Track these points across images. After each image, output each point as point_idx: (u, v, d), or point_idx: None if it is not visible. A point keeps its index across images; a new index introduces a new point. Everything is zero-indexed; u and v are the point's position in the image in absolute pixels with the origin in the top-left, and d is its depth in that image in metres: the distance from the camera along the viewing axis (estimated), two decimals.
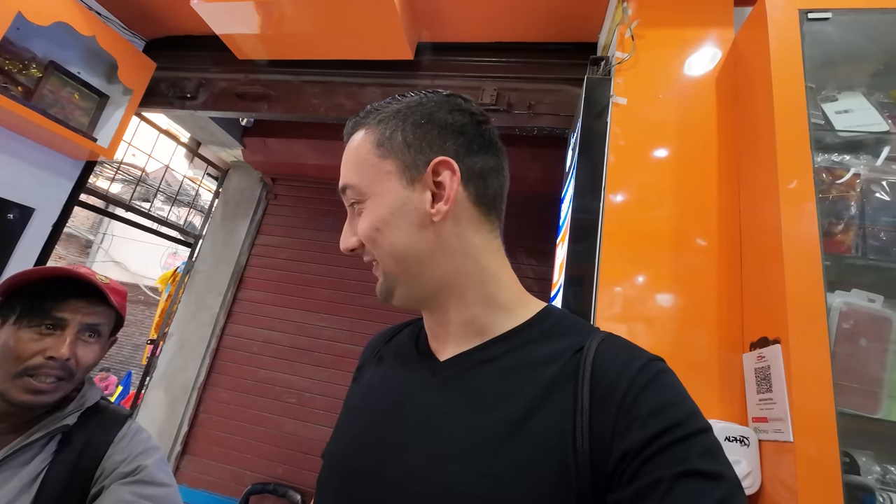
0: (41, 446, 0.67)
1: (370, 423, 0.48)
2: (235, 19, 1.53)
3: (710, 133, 1.01)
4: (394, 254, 0.46)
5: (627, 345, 0.43)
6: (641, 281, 0.94)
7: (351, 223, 0.50)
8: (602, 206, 0.99)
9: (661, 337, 0.89)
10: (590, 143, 1.06)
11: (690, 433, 0.35)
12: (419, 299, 0.49)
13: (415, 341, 0.54)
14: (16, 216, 1.58)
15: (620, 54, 1.09)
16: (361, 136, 0.49)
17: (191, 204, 3.31)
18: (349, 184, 0.48)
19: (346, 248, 0.49)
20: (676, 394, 0.38)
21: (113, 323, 0.78)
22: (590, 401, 0.38)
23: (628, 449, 0.35)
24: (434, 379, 0.47)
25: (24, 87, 1.54)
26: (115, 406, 0.81)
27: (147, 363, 2.82)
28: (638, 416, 0.36)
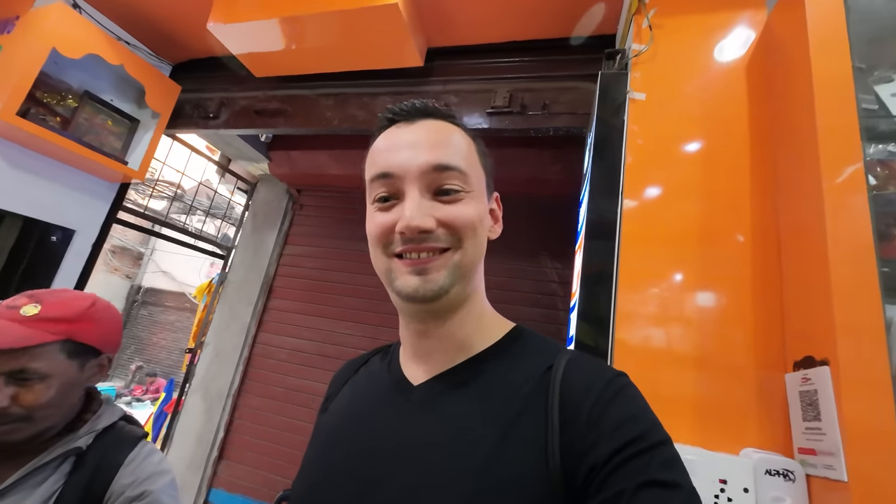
0: (54, 468, 0.69)
1: (344, 456, 0.46)
2: (250, 39, 1.56)
3: (741, 125, 0.92)
4: (480, 248, 0.48)
5: (595, 362, 0.45)
6: (665, 285, 0.86)
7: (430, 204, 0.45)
8: (619, 208, 0.92)
9: (688, 344, 0.82)
10: (605, 143, 0.99)
11: (651, 445, 0.36)
12: (460, 303, 0.48)
13: (387, 367, 0.54)
14: (59, 238, 1.69)
15: (637, 46, 1.01)
16: (464, 136, 0.50)
17: (224, 217, 3.45)
18: (460, 167, 0.46)
19: (422, 228, 0.43)
20: (638, 407, 0.40)
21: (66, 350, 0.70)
22: (559, 418, 0.39)
23: (595, 463, 0.36)
24: (407, 405, 0.47)
25: (61, 118, 1.64)
26: (131, 427, 0.81)
27: (186, 370, 2.96)
28: (605, 431, 0.37)
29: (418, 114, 0.49)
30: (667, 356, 0.82)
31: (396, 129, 0.49)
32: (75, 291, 0.78)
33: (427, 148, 0.46)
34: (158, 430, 3.25)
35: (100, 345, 0.75)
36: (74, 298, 0.74)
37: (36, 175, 1.61)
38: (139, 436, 0.79)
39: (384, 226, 0.45)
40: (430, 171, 0.45)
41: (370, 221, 0.48)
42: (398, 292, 0.45)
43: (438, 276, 0.44)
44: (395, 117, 0.50)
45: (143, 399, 7.42)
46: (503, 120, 1.49)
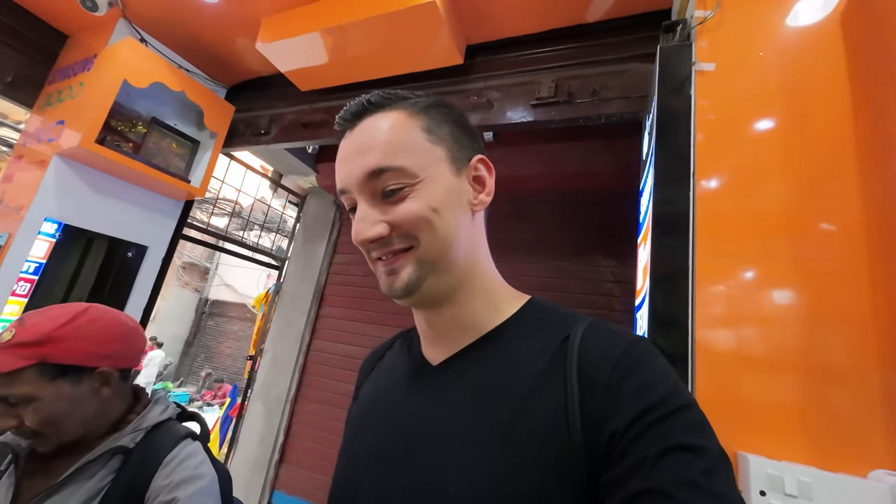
0: (103, 464, 0.71)
1: (373, 439, 0.48)
2: (295, 54, 1.62)
3: (838, 91, 0.79)
4: (446, 237, 0.45)
5: (612, 329, 0.43)
6: (751, 277, 0.75)
7: (374, 210, 0.45)
8: (692, 194, 0.82)
9: (787, 346, 0.70)
10: (670, 123, 0.89)
11: (673, 409, 0.35)
12: (443, 291, 0.47)
13: (408, 351, 0.55)
14: (133, 254, 1.84)
15: (701, 13, 0.91)
16: (400, 118, 0.46)
17: (277, 230, 3.63)
18: (393, 166, 0.44)
19: (369, 238, 0.44)
20: (659, 371, 0.38)
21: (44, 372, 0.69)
22: (579, 386, 0.39)
23: (615, 430, 0.35)
24: (427, 384, 0.48)
25: (133, 143, 1.79)
26: (177, 426, 0.81)
27: (248, 377, 3.11)
28: (624, 397, 0.36)
29: (356, 116, 0.47)
30: (761, 360, 0.71)
31: (343, 139, 0.48)
32: (63, 308, 0.75)
33: (359, 155, 0.45)
34: (225, 434, 3.44)
35: (83, 361, 0.72)
36: (51, 318, 0.72)
37: (113, 197, 1.76)
38: (181, 435, 0.78)
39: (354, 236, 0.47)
40: (367, 181, 0.44)
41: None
42: (383, 292, 0.47)
43: (404, 274, 0.45)
44: (341, 126, 0.49)
45: (213, 403, 7.98)
46: (549, 111, 1.42)
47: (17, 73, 1.80)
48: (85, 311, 0.75)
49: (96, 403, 0.74)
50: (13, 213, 1.57)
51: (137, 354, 0.81)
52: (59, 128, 1.64)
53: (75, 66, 1.80)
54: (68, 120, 1.63)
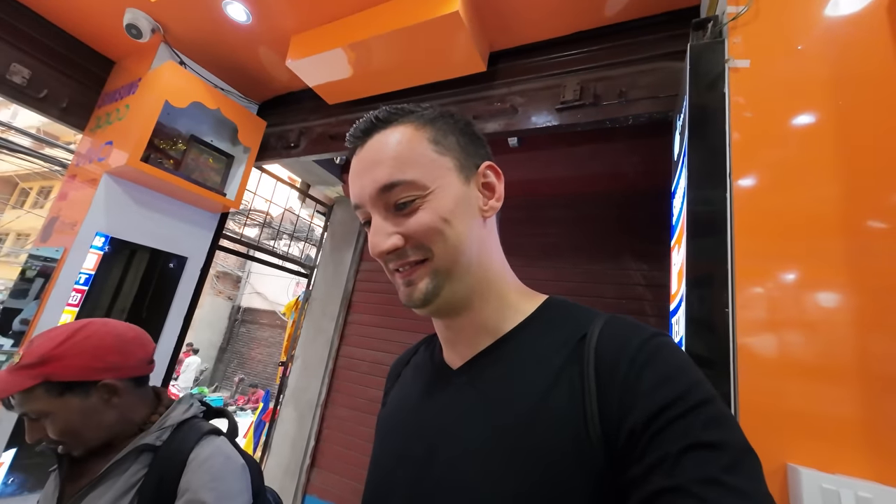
0: (132, 461, 0.76)
1: (399, 442, 0.50)
2: (323, 69, 1.67)
3: (886, 82, 0.75)
4: (458, 246, 0.46)
5: (630, 322, 0.43)
6: (796, 278, 0.72)
7: (388, 223, 0.46)
8: (729, 193, 0.79)
9: (839, 352, 0.66)
10: (703, 122, 0.87)
11: (692, 405, 0.34)
12: (459, 299, 0.48)
13: (430, 356, 0.56)
14: (175, 265, 1.93)
15: (733, 8, 0.89)
16: (408, 132, 0.48)
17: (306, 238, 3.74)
18: (404, 180, 0.45)
19: (385, 250, 0.46)
20: (677, 365, 0.38)
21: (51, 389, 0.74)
22: (596, 382, 0.39)
23: (633, 426, 0.35)
24: (449, 388, 0.49)
25: (174, 160, 1.89)
26: (200, 423, 0.83)
27: (280, 382, 3.20)
28: (642, 392, 0.36)
29: (364, 134, 0.49)
30: (810, 366, 0.67)
31: (355, 156, 0.50)
32: (63, 328, 0.78)
33: (370, 171, 0.47)
34: (258, 438, 3.54)
35: (84, 376, 0.76)
36: (50, 339, 0.76)
37: (155, 211, 1.87)
38: (204, 431, 0.81)
39: (371, 249, 0.48)
40: (379, 196, 0.46)
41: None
42: (402, 302, 0.49)
43: (422, 286, 0.46)
44: (351, 143, 0.51)
45: (245, 408, 8.23)
46: (574, 114, 1.41)
47: (71, 98, 1.94)
48: (82, 327, 0.78)
49: (111, 411, 0.78)
50: (68, 229, 1.68)
51: (139, 363, 0.83)
52: (108, 148, 1.76)
53: (122, 90, 1.92)
54: (116, 141, 1.74)
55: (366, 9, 1.50)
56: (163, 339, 1.91)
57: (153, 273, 1.87)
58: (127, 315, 1.78)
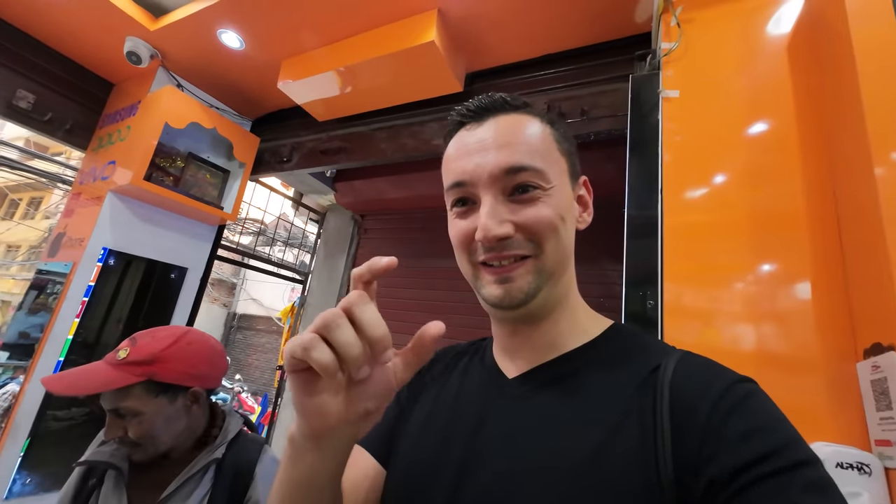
0: (201, 476, 0.80)
1: (440, 441, 0.47)
2: (312, 90, 1.80)
3: (789, 109, 0.89)
4: (566, 247, 0.45)
5: (709, 363, 0.40)
6: (715, 280, 0.86)
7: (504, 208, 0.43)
8: (660, 206, 0.93)
9: (746, 339, 0.80)
10: (641, 143, 1.01)
11: (792, 464, 0.30)
12: (551, 304, 0.46)
13: (480, 359, 0.53)
14: (176, 276, 2.04)
15: (667, 45, 1.03)
16: (537, 123, 0.46)
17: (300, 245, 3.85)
18: (533, 166, 0.43)
19: (498, 236, 0.42)
20: (770, 417, 0.34)
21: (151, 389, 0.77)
22: (671, 424, 0.35)
23: (715, 479, 0.32)
24: (503, 398, 0.46)
25: (173, 177, 2.01)
26: (252, 435, 0.90)
27: (278, 386, 3.31)
28: (726, 441, 0.32)
29: (485, 111, 0.46)
30: (722, 354, 0.81)
31: (466, 131, 0.47)
32: (168, 330, 0.83)
33: (497, 149, 0.43)
34: None
35: (182, 381, 0.80)
36: (159, 339, 0.80)
37: (157, 225, 1.98)
38: (260, 442, 0.88)
39: (464, 233, 0.45)
40: (502, 175, 0.43)
41: (451, 228, 0.48)
42: (485, 300, 0.45)
43: (523, 284, 0.43)
44: (464, 119, 0.47)
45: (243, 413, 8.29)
46: None
47: (75, 120, 2.05)
48: (185, 334, 0.83)
49: (185, 419, 0.82)
50: (76, 245, 1.79)
51: (221, 375, 0.89)
52: (111, 167, 1.87)
53: (122, 112, 2.04)
54: (119, 160, 1.85)
55: (350, 37, 1.63)
56: None
57: (158, 284, 1.98)
58: (124, 325, 1.86)
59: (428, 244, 2.90)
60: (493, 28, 1.52)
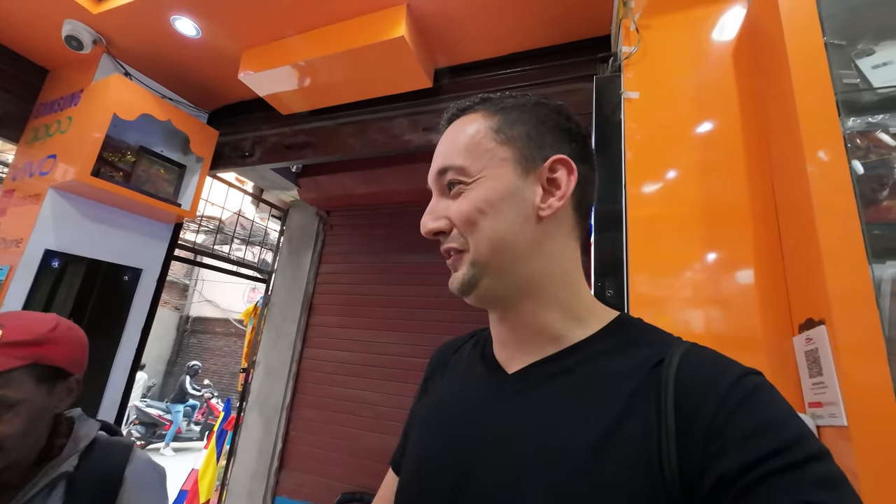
0: (45, 497, 0.67)
1: (442, 440, 0.47)
2: (275, 82, 1.74)
3: (732, 112, 0.98)
4: (493, 240, 0.44)
5: (715, 356, 0.39)
6: (674, 266, 0.93)
7: (438, 205, 0.48)
8: (624, 199, 1.00)
9: (702, 322, 0.88)
10: (605, 142, 1.08)
11: (802, 459, 0.30)
12: (500, 296, 0.46)
13: (480, 353, 0.53)
14: (130, 277, 1.92)
15: (627, 48, 1.10)
16: (475, 120, 0.48)
17: (262, 243, 3.71)
18: (453, 165, 0.47)
19: (431, 231, 0.47)
20: (779, 412, 0.34)
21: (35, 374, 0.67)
22: (675, 419, 0.35)
23: (724, 475, 0.31)
24: (503, 393, 0.46)
25: (123, 172, 1.88)
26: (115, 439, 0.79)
27: (242, 389, 3.19)
28: (733, 438, 0.32)
29: (446, 122, 0.52)
30: (682, 335, 0.89)
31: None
32: (36, 313, 0.73)
33: (437, 156, 0.49)
34: (221, 447, 3.49)
35: (68, 366, 0.72)
36: (38, 320, 0.71)
37: (108, 224, 1.85)
38: (128, 445, 0.77)
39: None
40: (436, 178, 0.49)
41: None
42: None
43: (460, 275, 0.46)
44: (440, 130, 0.52)
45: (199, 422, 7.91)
46: None
47: (4, 110, 1.86)
48: (57, 317, 0.74)
49: (49, 419, 0.71)
50: (12, 247, 1.64)
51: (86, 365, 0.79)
52: (51, 162, 1.72)
53: (61, 101, 1.87)
54: (60, 154, 1.71)
55: (317, 28, 1.59)
56: (120, 353, 1.89)
57: (106, 287, 1.85)
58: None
59: (396, 240, 2.90)
60: (461, 25, 1.54)
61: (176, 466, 4.86)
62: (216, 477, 3.23)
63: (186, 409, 7.62)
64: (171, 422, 7.30)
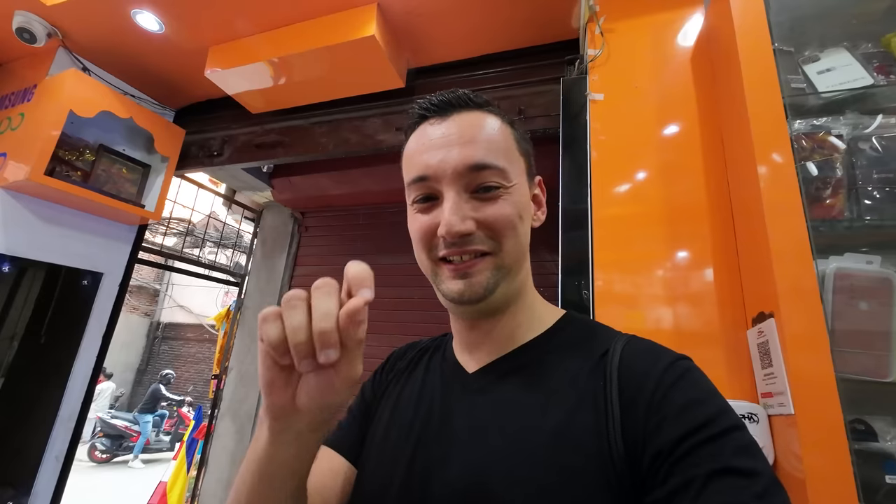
0: None
1: (406, 440, 0.48)
2: (244, 80, 1.70)
3: (691, 114, 1.01)
4: (519, 246, 0.46)
5: (652, 345, 0.43)
6: (638, 264, 0.96)
7: (468, 205, 0.44)
8: (590, 199, 1.02)
9: (662, 317, 0.91)
10: (572, 142, 1.10)
11: (723, 430, 0.34)
12: (508, 300, 0.48)
13: (441, 356, 0.54)
14: (89, 282, 1.83)
15: (592, 51, 1.12)
16: (499, 123, 0.48)
17: (235, 246, 3.61)
18: (497, 165, 0.45)
19: (460, 233, 0.43)
20: (705, 391, 0.38)
21: None
22: (619, 403, 0.38)
23: (660, 449, 0.35)
24: (465, 392, 0.47)
25: (82, 171, 1.79)
26: None
27: (213, 396, 3.09)
28: (667, 415, 0.36)
29: (450, 106, 0.47)
30: (643, 331, 0.91)
31: (429, 125, 0.47)
32: None
33: (461, 146, 0.44)
34: (191, 457, 3.37)
35: None
36: None
37: (65, 227, 1.76)
38: None
39: (425, 228, 0.45)
40: (466, 172, 0.44)
41: (412, 223, 0.48)
42: (445, 295, 0.46)
43: (482, 280, 0.44)
44: (426, 112, 0.48)
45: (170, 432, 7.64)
46: None
47: None
48: None
49: None
50: None
51: None
52: (1, 160, 1.62)
53: (11, 97, 1.77)
54: (11, 152, 1.61)
55: (286, 25, 1.56)
56: (78, 361, 1.80)
57: (63, 292, 1.76)
58: (20, 341, 1.61)
59: (373, 241, 2.87)
60: (432, 25, 1.54)
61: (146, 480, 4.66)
62: (186, 488, 3.12)
63: (155, 418, 7.35)
64: (138, 433, 7.01)
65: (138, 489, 0.89)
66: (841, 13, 0.93)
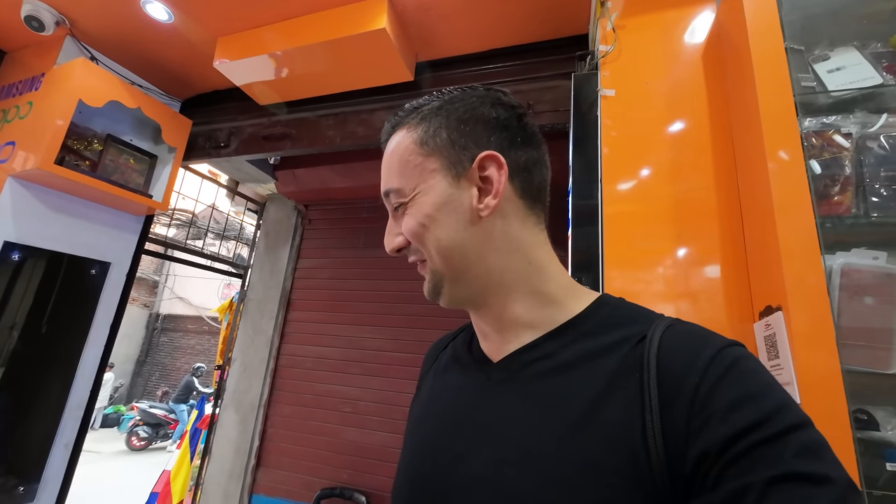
0: None
1: (432, 433, 0.48)
2: (253, 72, 1.70)
3: (702, 111, 1.03)
4: (441, 250, 0.45)
5: (697, 330, 0.39)
6: (647, 260, 0.97)
7: (394, 224, 0.50)
8: (600, 195, 1.03)
9: (671, 312, 0.92)
10: (583, 138, 1.11)
11: (784, 429, 0.30)
12: (466, 297, 0.48)
13: (468, 346, 0.54)
14: (97, 271, 1.84)
15: (604, 47, 1.13)
16: (402, 136, 0.49)
17: (237, 238, 3.62)
18: (392, 188, 0.48)
19: (392, 249, 0.50)
20: (760, 383, 0.33)
21: None
22: (658, 396, 0.35)
23: (707, 450, 0.31)
24: (489, 382, 0.46)
25: (90, 161, 1.80)
26: None
27: (217, 387, 3.12)
28: (715, 412, 0.32)
29: (386, 137, 0.52)
30: None
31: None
32: None
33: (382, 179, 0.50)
34: (195, 446, 3.41)
35: None
36: None
37: (74, 216, 1.77)
38: None
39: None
40: (385, 201, 0.50)
41: None
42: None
43: (426, 283, 0.49)
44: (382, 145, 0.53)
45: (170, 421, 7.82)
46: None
47: None
48: None
49: None
50: None
51: None
52: (9, 149, 1.63)
53: (19, 85, 1.77)
54: (20, 141, 1.62)
55: (296, 17, 1.56)
56: (87, 351, 1.82)
57: (71, 281, 1.77)
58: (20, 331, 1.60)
59: (377, 234, 2.87)
60: (443, 19, 1.54)
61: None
62: (190, 477, 3.15)
63: (188, 408, 7.64)
64: (176, 421, 7.53)
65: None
66: (851, 13, 0.94)
